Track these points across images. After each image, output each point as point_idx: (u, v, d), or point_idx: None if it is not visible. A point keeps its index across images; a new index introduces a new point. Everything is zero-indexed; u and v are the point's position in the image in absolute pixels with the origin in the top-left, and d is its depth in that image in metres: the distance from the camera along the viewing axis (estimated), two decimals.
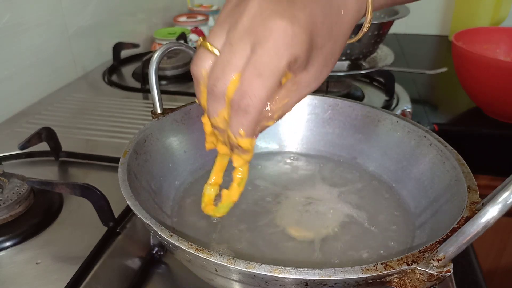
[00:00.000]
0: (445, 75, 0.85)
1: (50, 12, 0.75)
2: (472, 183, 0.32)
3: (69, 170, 0.54)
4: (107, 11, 0.92)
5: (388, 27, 0.70)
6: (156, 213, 0.36)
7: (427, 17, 1.23)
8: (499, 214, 0.22)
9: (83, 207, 0.44)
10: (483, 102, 0.76)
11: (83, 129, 0.63)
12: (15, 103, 0.69)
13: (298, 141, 0.50)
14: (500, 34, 0.83)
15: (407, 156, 0.42)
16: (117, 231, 0.42)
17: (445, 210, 0.34)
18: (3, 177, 0.45)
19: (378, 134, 0.45)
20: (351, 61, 0.71)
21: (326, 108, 0.48)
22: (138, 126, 0.63)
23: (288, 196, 0.42)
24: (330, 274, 0.23)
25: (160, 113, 0.43)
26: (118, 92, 0.78)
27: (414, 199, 0.40)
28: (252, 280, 0.25)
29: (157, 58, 0.41)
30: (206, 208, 0.34)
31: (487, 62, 0.68)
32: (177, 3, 1.25)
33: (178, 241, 0.26)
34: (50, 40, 0.76)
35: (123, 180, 0.33)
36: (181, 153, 0.44)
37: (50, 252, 0.40)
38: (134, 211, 0.29)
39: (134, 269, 0.41)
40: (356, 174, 0.46)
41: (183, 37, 0.95)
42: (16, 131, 0.62)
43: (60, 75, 0.80)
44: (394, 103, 0.77)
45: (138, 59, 0.93)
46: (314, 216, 0.40)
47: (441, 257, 0.24)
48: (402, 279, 0.25)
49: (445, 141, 0.38)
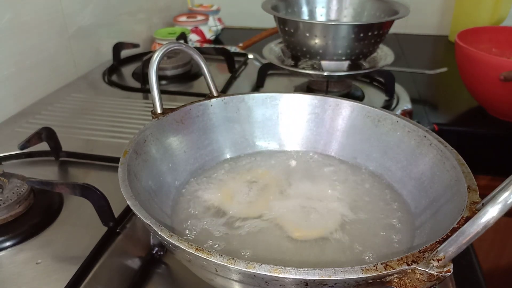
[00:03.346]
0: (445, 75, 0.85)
1: (50, 12, 0.75)
2: (472, 183, 0.32)
3: (69, 170, 0.54)
4: (107, 11, 0.92)
5: (388, 27, 0.70)
6: (156, 213, 0.36)
7: (427, 17, 1.23)
8: (499, 214, 0.22)
9: (83, 207, 0.44)
10: (487, 102, 0.76)
11: (83, 129, 0.63)
12: (15, 103, 0.69)
13: (298, 140, 0.50)
14: (504, 33, 0.83)
15: (407, 156, 0.42)
16: (117, 231, 0.42)
17: (445, 210, 0.34)
18: (3, 177, 0.45)
19: (378, 134, 0.45)
20: (351, 61, 0.71)
21: (326, 108, 0.48)
22: (138, 126, 0.63)
23: (288, 196, 0.42)
24: (330, 274, 0.23)
25: (160, 113, 0.43)
26: (118, 92, 0.78)
27: (414, 199, 0.40)
28: (252, 280, 0.25)
29: (157, 58, 0.41)
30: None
31: (491, 62, 0.68)
32: (177, 3, 1.25)
33: (178, 241, 0.26)
34: (50, 40, 0.76)
35: (123, 180, 0.33)
36: (181, 153, 0.44)
37: (50, 252, 0.40)
38: (134, 211, 0.29)
39: (134, 269, 0.41)
40: (356, 174, 0.46)
41: (183, 37, 0.95)
42: (16, 131, 0.62)
43: (60, 75, 0.80)
44: (394, 103, 0.77)
45: (138, 59, 0.93)
46: (314, 216, 0.40)
47: (441, 257, 0.24)
48: (402, 279, 0.25)
49: (445, 141, 0.38)
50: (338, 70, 0.71)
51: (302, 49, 0.71)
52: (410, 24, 1.23)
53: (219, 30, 1.22)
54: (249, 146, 0.49)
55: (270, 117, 0.49)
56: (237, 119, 0.49)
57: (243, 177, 0.45)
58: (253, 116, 0.49)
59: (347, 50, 0.69)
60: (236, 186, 0.44)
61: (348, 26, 0.66)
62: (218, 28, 1.20)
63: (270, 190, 0.43)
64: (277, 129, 0.50)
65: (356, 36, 0.66)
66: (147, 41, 1.08)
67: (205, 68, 0.47)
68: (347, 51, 0.69)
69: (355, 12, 0.80)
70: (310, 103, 0.48)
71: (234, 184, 0.44)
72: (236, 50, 1.00)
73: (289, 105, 0.49)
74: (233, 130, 0.49)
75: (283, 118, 0.49)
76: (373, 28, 0.67)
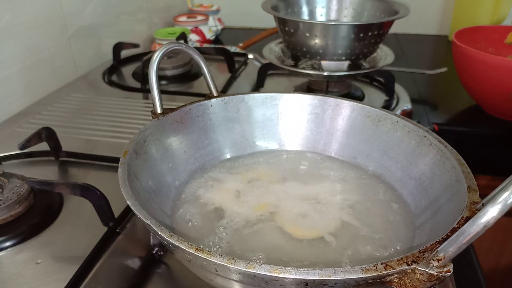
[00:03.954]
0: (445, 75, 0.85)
1: (50, 12, 0.75)
2: (472, 183, 0.32)
3: (69, 170, 0.54)
4: (107, 11, 0.92)
5: (388, 27, 0.70)
6: (156, 213, 0.36)
7: (427, 17, 1.23)
8: (499, 214, 0.22)
9: (83, 207, 0.44)
10: (484, 100, 0.76)
11: (83, 129, 0.63)
12: (15, 103, 0.69)
13: (298, 140, 0.50)
14: (500, 32, 0.83)
15: (407, 156, 0.42)
16: (117, 231, 0.42)
17: (445, 210, 0.34)
18: (3, 177, 0.45)
19: (378, 134, 0.45)
20: (351, 61, 0.71)
21: (326, 108, 0.48)
22: (138, 126, 0.63)
23: (287, 195, 0.42)
24: (330, 274, 0.23)
25: (160, 113, 0.43)
26: (118, 92, 0.78)
27: (414, 199, 0.40)
28: (252, 280, 0.25)
29: (157, 58, 0.41)
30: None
31: (488, 60, 0.68)
32: (177, 3, 1.25)
33: (178, 241, 0.26)
34: (50, 40, 0.76)
35: (123, 180, 0.33)
36: (181, 153, 0.44)
37: (50, 252, 0.40)
38: (134, 211, 0.29)
39: (134, 269, 0.41)
40: (356, 174, 0.46)
41: (183, 37, 0.95)
42: (16, 131, 0.62)
43: (60, 75, 0.80)
44: (394, 103, 0.77)
45: (138, 59, 0.93)
46: (314, 216, 0.40)
47: (441, 257, 0.24)
48: (402, 279, 0.25)
49: (445, 141, 0.38)
50: (338, 70, 0.71)
51: (302, 49, 0.71)
52: (410, 24, 1.23)
53: (219, 30, 1.22)
54: (249, 146, 0.49)
55: (270, 117, 0.49)
56: (237, 119, 0.49)
57: (243, 177, 0.45)
58: (253, 116, 0.49)
59: (347, 50, 0.69)
60: (236, 186, 0.44)
61: (348, 26, 0.66)
62: (218, 28, 1.20)
63: (270, 190, 0.43)
64: (277, 129, 0.50)
65: (356, 36, 0.66)
66: (147, 41, 1.08)
67: (205, 68, 0.47)
68: (347, 51, 0.69)
69: (355, 12, 0.80)
70: (310, 103, 0.48)
71: (234, 184, 0.44)
72: (236, 50, 1.00)
73: (289, 105, 0.49)
74: (233, 130, 0.49)
75: (283, 118, 0.49)
76: (373, 28, 0.67)
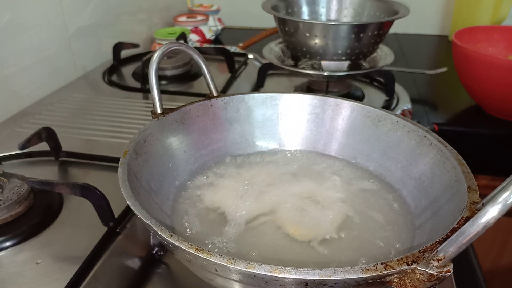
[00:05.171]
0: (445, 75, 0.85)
1: (50, 12, 0.75)
2: (472, 183, 0.32)
3: (69, 170, 0.54)
4: (107, 11, 0.92)
5: (388, 27, 0.70)
6: (156, 213, 0.36)
7: (427, 17, 1.23)
8: (499, 214, 0.22)
9: (83, 207, 0.44)
10: (484, 100, 0.76)
11: (83, 129, 0.63)
12: (15, 103, 0.69)
13: (298, 140, 0.50)
14: (500, 33, 0.83)
15: (407, 156, 0.42)
16: (117, 231, 0.42)
17: (445, 210, 0.34)
18: (3, 177, 0.45)
19: (378, 134, 0.45)
20: (351, 61, 0.71)
21: (326, 108, 0.48)
22: (138, 126, 0.63)
23: (287, 195, 0.42)
24: (330, 274, 0.23)
25: (160, 113, 0.43)
26: (118, 92, 0.78)
27: (414, 199, 0.40)
28: (252, 280, 0.25)
29: (157, 58, 0.41)
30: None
31: (488, 60, 0.68)
32: (177, 3, 1.25)
33: (178, 241, 0.26)
34: (50, 40, 0.76)
35: (123, 180, 0.33)
36: (181, 153, 0.44)
37: (50, 252, 0.40)
38: (134, 211, 0.29)
39: (134, 269, 0.41)
40: (356, 174, 0.46)
41: (183, 37, 0.95)
42: (16, 131, 0.62)
43: (60, 75, 0.80)
44: (394, 103, 0.77)
45: (138, 59, 0.93)
46: (314, 216, 0.40)
47: (441, 257, 0.24)
48: (402, 279, 0.25)
49: (445, 141, 0.38)
50: (338, 70, 0.71)
51: (302, 49, 0.71)
52: (410, 24, 1.23)
53: (219, 30, 1.22)
54: (249, 146, 0.49)
55: (270, 117, 0.49)
56: (237, 119, 0.49)
57: (243, 177, 0.45)
58: (253, 116, 0.49)
59: (347, 50, 0.69)
60: (236, 186, 0.44)
61: (348, 26, 0.66)
62: (218, 28, 1.20)
63: (270, 190, 0.43)
64: (277, 129, 0.50)
65: (356, 36, 0.66)
66: (147, 41, 1.08)
67: (205, 68, 0.47)
68: (347, 51, 0.69)
69: (355, 12, 0.80)
70: (310, 103, 0.48)
71: (234, 184, 0.44)
72: (236, 50, 1.00)
73: (289, 105, 0.49)
74: (233, 130, 0.49)
75: (283, 118, 0.49)
76: (373, 28, 0.67)
